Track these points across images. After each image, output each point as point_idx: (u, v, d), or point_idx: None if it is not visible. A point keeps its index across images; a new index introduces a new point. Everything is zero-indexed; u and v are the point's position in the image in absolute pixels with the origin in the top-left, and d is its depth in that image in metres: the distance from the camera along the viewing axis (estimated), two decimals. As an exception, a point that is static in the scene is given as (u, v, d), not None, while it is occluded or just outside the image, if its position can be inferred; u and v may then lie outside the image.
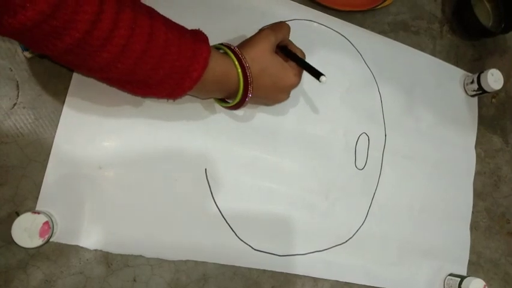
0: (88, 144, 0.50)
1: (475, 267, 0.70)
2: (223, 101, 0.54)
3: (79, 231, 0.48)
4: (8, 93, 0.48)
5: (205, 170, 0.54)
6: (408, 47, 0.70)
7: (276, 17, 0.60)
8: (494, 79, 0.70)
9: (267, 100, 0.54)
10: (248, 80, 0.48)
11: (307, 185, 0.59)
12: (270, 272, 0.56)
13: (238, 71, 0.48)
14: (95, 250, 0.49)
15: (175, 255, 0.52)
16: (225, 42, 0.50)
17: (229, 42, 0.50)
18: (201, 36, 0.46)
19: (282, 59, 0.51)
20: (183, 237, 0.52)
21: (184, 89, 0.45)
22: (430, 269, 0.66)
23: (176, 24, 0.45)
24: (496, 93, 0.76)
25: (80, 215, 0.49)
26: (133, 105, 0.52)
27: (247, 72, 0.48)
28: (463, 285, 0.63)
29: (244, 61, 0.47)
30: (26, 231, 0.43)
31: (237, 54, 0.48)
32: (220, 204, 0.54)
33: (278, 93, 0.53)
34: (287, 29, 0.54)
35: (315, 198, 0.60)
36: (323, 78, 0.51)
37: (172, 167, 0.53)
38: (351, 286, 0.60)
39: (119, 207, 0.50)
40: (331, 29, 0.65)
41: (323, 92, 0.62)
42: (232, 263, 0.54)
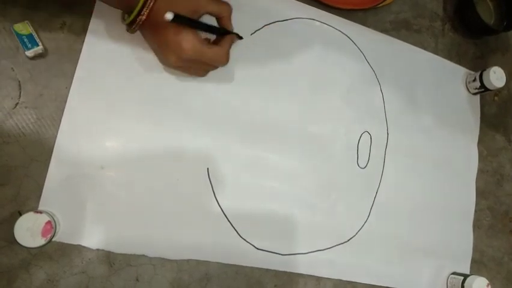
0: (89, 143, 0.50)
1: (478, 265, 0.70)
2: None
3: (81, 230, 0.48)
4: (10, 93, 0.48)
5: (207, 169, 0.54)
6: (410, 45, 0.70)
7: (278, 15, 0.60)
8: (496, 77, 0.69)
9: (156, 46, 0.50)
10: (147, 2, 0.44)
11: (309, 184, 0.59)
12: (272, 271, 0.56)
13: None
14: (98, 250, 0.49)
15: (178, 254, 0.52)
16: None
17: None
18: None
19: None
20: (185, 236, 0.52)
21: None
22: (433, 268, 0.66)
23: None
24: (498, 91, 0.76)
25: (82, 215, 0.49)
26: (135, 105, 0.52)
27: None
28: (466, 284, 0.63)
29: None
30: (28, 230, 0.43)
31: None
32: (223, 204, 0.54)
33: (167, 49, 0.48)
34: (225, 6, 0.51)
35: (317, 197, 0.60)
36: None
37: (174, 166, 0.53)
38: (353, 285, 0.60)
39: (121, 207, 0.50)
40: (333, 27, 0.64)
41: (325, 91, 0.62)
42: (235, 262, 0.54)
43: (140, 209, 0.51)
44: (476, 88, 0.72)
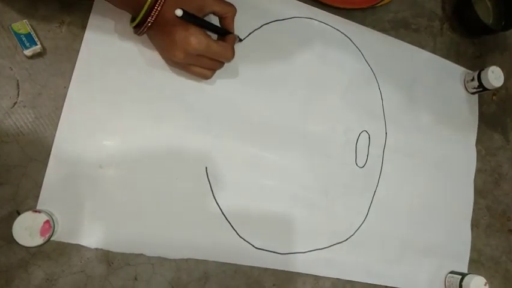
0: (88, 142, 0.50)
1: (476, 264, 0.70)
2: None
3: (80, 230, 0.48)
4: (9, 92, 0.48)
5: (206, 168, 0.54)
6: (408, 45, 0.70)
7: (276, 14, 0.60)
8: (494, 76, 0.69)
9: (164, 43, 0.50)
10: (156, 5, 0.45)
11: (308, 183, 0.59)
12: (271, 270, 0.56)
13: None
14: (96, 249, 0.49)
15: (176, 253, 0.52)
16: None
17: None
18: None
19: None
20: (184, 235, 0.52)
21: None
22: (431, 267, 0.66)
23: None
24: (496, 90, 0.76)
25: (81, 214, 0.48)
26: (134, 104, 0.52)
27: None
28: (463, 283, 0.63)
29: None
30: (27, 230, 0.43)
31: None
32: (221, 203, 0.54)
33: (174, 45, 0.48)
34: (230, 8, 0.51)
35: (316, 196, 0.60)
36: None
37: (172, 165, 0.53)
38: (352, 284, 0.60)
39: (120, 206, 0.50)
40: (331, 26, 0.64)
41: (323, 90, 0.62)
42: (233, 261, 0.54)
43: (138, 208, 0.51)
44: (474, 87, 0.72)
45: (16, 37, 0.48)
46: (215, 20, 0.53)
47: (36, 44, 0.48)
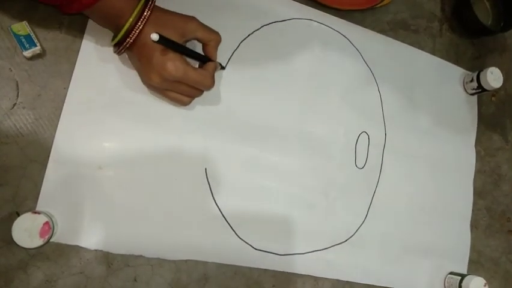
0: (87, 144, 0.50)
1: (476, 265, 0.70)
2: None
3: (79, 231, 0.48)
4: (8, 94, 0.48)
5: (205, 169, 0.54)
6: (407, 46, 0.70)
7: (276, 15, 0.60)
8: (493, 77, 0.70)
9: (140, 65, 0.49)
10: (136, 26, 0.45)
11: (307, 184, 0.59)
12: (271, 271, 0.56)
13: (134, 13, 0.45)
14: (96, 250, 0.49)
15: (176, 255, 0.52)
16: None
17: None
18: None
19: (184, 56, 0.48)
20: (184, 236, 0.52)
21: (71, 9, 0.44)
22: (430, 268, 0.66)
23: None
24: (495, 91, 0.76)
25: (80, 215, 0.48)
26: (133, 106, 0.52)
27: (143, 16, 0.45)
28: (463, 284, 0.63)
29: (147, 11, 0.45)
30: (26, 231, 0.43)
31: (148, 6, 0.45)
32: (221, 204, 0.54)
33: (151, 69, 0.47)
34: (214, 36, 0.51)
35: (315, 197, 0.60)
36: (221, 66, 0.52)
37: (172, 166, 0.53)
38: (351, 285, 0.60)
39: (119, 207, 0.50)
40: (330, 28, 0.64)
41: (323, 91, 0.62)
42: (233, 263, 0.54)
43: (138, 209, 0.51)
44: (473, 88, 0.72)
45: (16, 38, 0.48)
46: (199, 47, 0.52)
47: (35, 45, 0.48)
